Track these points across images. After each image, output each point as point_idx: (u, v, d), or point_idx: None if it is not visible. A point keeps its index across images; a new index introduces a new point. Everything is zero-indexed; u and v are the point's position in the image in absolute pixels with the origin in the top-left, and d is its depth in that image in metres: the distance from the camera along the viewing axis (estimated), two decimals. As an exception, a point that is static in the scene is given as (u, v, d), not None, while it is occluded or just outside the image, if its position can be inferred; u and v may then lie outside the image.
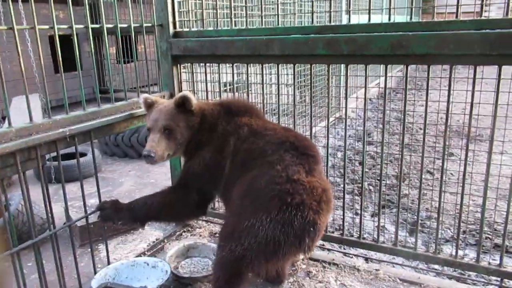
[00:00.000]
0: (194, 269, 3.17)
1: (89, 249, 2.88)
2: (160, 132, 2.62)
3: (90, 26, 2.69)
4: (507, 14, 2.37)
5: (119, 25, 2.93)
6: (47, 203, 2.47)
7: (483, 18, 2.40)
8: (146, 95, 2.83)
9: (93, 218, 3.51)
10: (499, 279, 2.80)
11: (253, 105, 2.95)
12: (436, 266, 3.19)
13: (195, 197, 2.69)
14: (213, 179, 2.69)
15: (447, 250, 3.74)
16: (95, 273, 2.85)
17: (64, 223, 2.65)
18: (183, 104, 2.66)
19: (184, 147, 2.74)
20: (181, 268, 3.20)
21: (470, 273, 3.23)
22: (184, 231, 3.76)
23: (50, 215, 2.50)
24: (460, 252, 2.86)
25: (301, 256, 3.23)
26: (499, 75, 2.44)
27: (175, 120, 2.64)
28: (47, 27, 2.46)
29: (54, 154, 2.54)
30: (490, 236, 3.93)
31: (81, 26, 2.68)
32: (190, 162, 2.77)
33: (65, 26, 2.57)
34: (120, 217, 2.70)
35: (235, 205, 2.44)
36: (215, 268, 2.47)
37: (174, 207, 2.73)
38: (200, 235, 3.69)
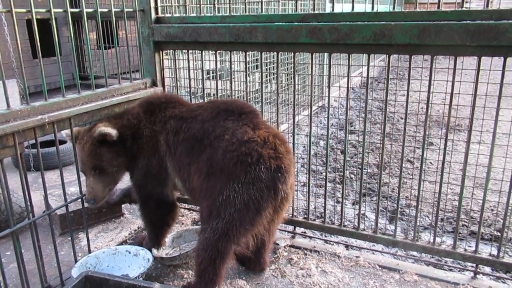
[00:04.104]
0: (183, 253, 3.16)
1: (69, 238, 2.85)
2: (91, 175, 2.73)
3: (69, 10, 2.62)
4: (487, 5, 2.39)
5: (99, 10, 2.86)
6: (26, 191, 2.43)
7: (464, 9, 2.42)
8: (66, 131, 2.72)
9: (73, 207, 3.49)
10: (474, 265, 2.88)
11: (171, 95, 3.03)
12: (414, 253, 3.26)
13: (153, 204, 2.86)
14: (157, 181, 2.80)
15: (425, 237, 3.84)
16: (76, 261, 2.82)
17: (44, 212, 2.61)
18: (103, 140, 2.68)
19: (123, 170, 2.88)
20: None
21: (447, 259, 3.32)
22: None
23: (29, 203, 2.46)
24: (438, 239, 2.93)
25: (283, 243, 3.27)
26: (478, 66, 2.48)
27: (99, 157, 2.69)
28: (24, 10, 2.38)
29: (33, 141, 2.49)
30: (466, 224, 4.03)
31: (60, 10, 2.61)
32: (133, 178, 2.89)
33: (43, 10, 2.49)
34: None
35: (202, 190, 2.49)
36: (197, 251, 2.47)
37: (153, 222, 2.97)
38: (182, 223, 3.69)
